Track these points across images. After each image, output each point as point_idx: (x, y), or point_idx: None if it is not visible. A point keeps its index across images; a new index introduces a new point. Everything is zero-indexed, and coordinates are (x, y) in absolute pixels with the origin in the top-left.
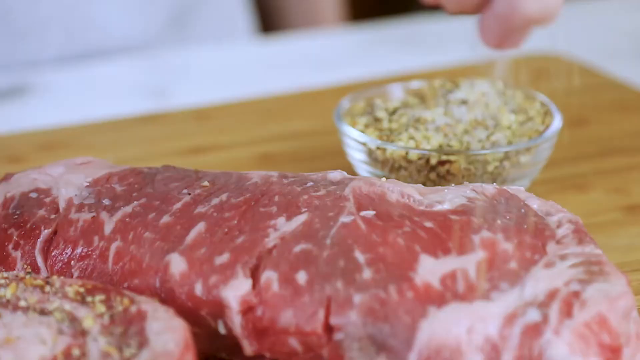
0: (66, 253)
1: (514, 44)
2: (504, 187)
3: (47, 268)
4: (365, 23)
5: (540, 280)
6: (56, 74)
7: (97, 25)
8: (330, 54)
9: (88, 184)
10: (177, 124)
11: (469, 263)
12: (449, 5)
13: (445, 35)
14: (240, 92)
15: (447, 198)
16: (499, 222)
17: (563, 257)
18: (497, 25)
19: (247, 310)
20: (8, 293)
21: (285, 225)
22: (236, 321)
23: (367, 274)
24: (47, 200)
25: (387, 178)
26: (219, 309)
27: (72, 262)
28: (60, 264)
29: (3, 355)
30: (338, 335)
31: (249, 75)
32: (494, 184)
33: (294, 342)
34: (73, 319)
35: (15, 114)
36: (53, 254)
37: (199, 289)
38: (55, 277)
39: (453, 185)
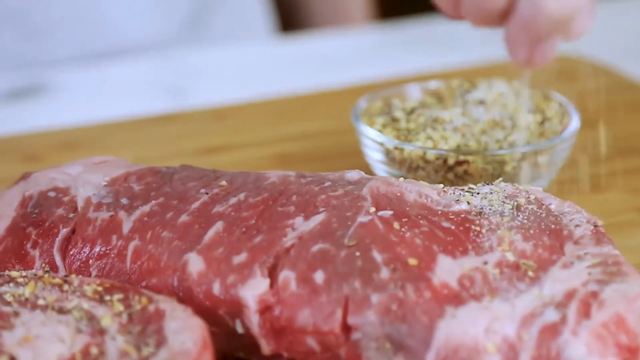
0: (84, 252)
1: (543, 57)
2: (522, 188)
3: (65, 267)
4: (383, 23)
5: (558, 281)
6: (74, 73)
7: (114, 25)
8: (347, 54)
9: (106, 183)
10: (194, 124)
11: (487, 263)
12: (471, 18)
13: (463, 36)
14: (256, 92)
15: (465, 198)
16: (516, 222)
17: (581, 258)
18: (524, 33)
19: (265, 309)
20: (27, 292)
21: (303, 225)
22: (254, 320)
23: (384, 273)
24: (66, 199)
25: (404, 178)
26: (237, 308)
27: (91, 261)
28: (78, 263)
29: (22, 353)
30: (355, 335)
31: (266, 75)
32: (512, 184)
33: (311, 342)
34: (91, 318)
35: (33, 113)
36: (71, 252)
37: (216, 288)
38: (73, 275)
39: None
